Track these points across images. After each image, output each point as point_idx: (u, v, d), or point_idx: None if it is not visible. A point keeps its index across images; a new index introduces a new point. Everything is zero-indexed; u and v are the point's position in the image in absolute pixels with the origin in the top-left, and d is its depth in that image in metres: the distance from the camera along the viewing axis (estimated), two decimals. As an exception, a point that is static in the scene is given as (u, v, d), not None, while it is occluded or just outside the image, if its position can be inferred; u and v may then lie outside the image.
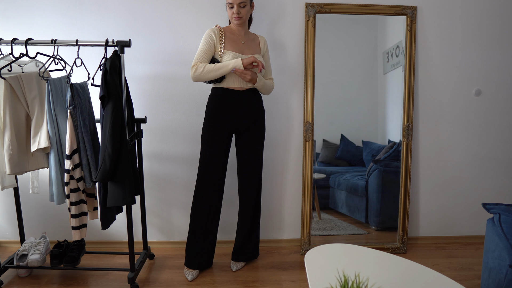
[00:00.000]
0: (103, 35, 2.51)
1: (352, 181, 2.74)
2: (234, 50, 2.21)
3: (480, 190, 2.83)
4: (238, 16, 2.17)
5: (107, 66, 1.99)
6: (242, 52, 2.23)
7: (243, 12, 2.18)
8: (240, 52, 2.22)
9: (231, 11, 2.19)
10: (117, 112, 2.00)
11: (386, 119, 2.70)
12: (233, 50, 2.21)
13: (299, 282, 2.33)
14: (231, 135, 2.32)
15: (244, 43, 2.26)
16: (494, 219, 1.79)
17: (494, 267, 1.70)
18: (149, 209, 2.72)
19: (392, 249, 2.72)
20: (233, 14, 2.18)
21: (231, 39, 2.24)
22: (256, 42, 2.33)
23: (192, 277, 2.35)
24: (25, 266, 2.28)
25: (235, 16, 2.18)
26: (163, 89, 2.60)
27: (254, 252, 2.53)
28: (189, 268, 2.38)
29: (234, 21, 2.20)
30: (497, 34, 2.66)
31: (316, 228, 2.73)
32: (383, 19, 2.62)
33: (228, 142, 2.30)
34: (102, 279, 2.36)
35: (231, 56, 2.18)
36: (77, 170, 2.08)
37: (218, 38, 2.20)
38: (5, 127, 2.04)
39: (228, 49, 2.20)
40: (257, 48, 2.31)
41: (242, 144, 2.35)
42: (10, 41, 2.04)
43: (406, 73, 2.62)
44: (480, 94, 2.72)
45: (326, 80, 2.62)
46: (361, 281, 1.25)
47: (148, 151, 2.66)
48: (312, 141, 2.63)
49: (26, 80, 2.08)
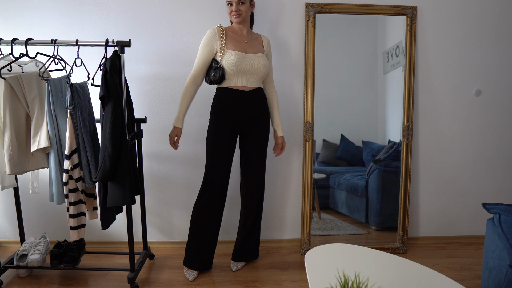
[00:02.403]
0: (103, 35, 2.51)
1: (352, 181, 2.74)
2: (236, 49, 2.19)
3: (480, 190, 2.83)
4: (238, 13, 2.16)
5: (107, 66, 1.99)
6: (245, 51, 2.21)
7: (243, 9, 2.17)
8: (243, 51, 2.20)
9: (230, 9, 2.17)
10: (117, 112, 2.00)
11: (386, 119, 2.70)
12: (235, 49, 2.19)
13: (299, 282, 2.33)
14: (236, 135, 2.31)
15: (247, 42, 2.24)
16: (494, 219, 1.79)
17: (494, 267, 1.70)
18: (149, 209, 2.72)
19: (392, 249, 2.72)
20: (232, 12, 2.17)
21: (234, 38, 2.22)
22: (260, 41, 2.32)
23: (193, 277, 2.34)
24: (25, 266, 2.28)
25: (234, 14, 2.16)
26: (163, 89, 2.60)
27: (254, 252, 2.53)
28: (189, 268, 2.38)
29: (234, 18, 2.19)
30: (497, 34, 2.66)
31: (316, 228, 2.73)
32: (383, 19, 2.62)
33: (233, 142, 2.29)
34: (102, 279, 2.36)
35: (234, 55, 2.15)
36: (76, 170, 2.08)
37: (219, 37, 2.18)
38: (5, 127, 2.04)
39: (230, 48, 2.18)
40: (261, 47, 2.30)
41: (246, 146, 2.34)
42: (10, 41, 2.04)
43: (406, 73, 2.62)
44: (480, 94, 2.72)
45: (326, 80, 2.62)
46: (361, 281, 1.25)
47: (148, 151, 2.66)
48: (312, 141, 2.63)
49: (26, 80, 2.08)
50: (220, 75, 2.16)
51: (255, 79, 2.23)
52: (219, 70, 2.16)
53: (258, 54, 2.23)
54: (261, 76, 2.25)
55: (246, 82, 2.21)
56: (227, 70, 2.16)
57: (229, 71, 2.17)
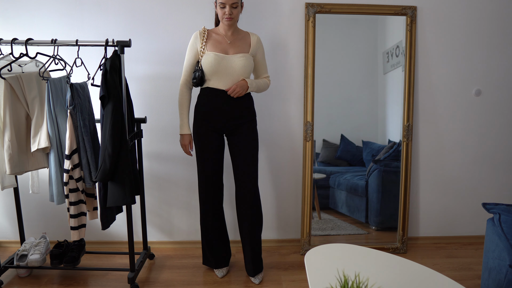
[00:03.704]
0: (103, 35, 2.51)
1: (352, 181, 2.74)
2: (216, 50, 2.18)
3: (480, 190, 2.83)
4: (230, 16, 2.14)
5: (107, 66, 1.99)
6: (226, 52, 2.19)
7: (235, 13, 2.15)
8: (224, 52, 2.19)
9: (222, 11, 2.14)
10: (117, 112, 2.00)
11: (386, 119, 2.70)
12: (215, 50, 2.17)
13: (299, 282, 2.33)
14: (222, 136, 2.29)
15: (230, 42, 2.22)
16: (494, 219, 1.79)
17: (494, 267, 1.70)
18: (149, 209, 2.72)
19: (392, 249, 2.72)
20: (224, 15, 2.13)
21: (215, 39, 2.21)
22: (247, 41, 2.27)
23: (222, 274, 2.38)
24: (25, 266, 2.28)
25: (227, 17, 2.14)
26: (163, 89, 2.60)
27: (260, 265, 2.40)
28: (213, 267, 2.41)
29: (225, 21, 2.16)
30: (497, 34, 2.66)
31: (316, 228, 2.73)
32: (383, 19, 2.62)
33: (220, 141, 2.27)
34: (102, 279, 2.36)
35: (211, 56, 2.14)
36: (76, 170, 2.08)
37: (200, 39, 2.19)
38: (5, 127, 2.04)
39: (210, 50, 2.18)
40: (246, 47, 2.25)
41: (234, 148, 2.29)
42: (10, 41, 2.04)
43: (406, 73, 2.62)
44: (480, 94, 2.72)
45: (326, 80, 2.62)
46: (361, 281, 1.25)
47: (148, 151, 2.66)
48: (312, 141, 2.63)
49: (26, 80, 2.08)
50: (199, 77, 2.17)
51: (234, 79, 2.19)
52: (198, 72, 2.18)
53: (239, 55, 2.20)
54: (239, 76, 2.20)
55: (226, 83, 2.19)
56: (205, 71, 2.17)
57: (207, 72, 2.17)
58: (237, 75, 2.20)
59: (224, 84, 2.19)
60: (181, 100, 2.27)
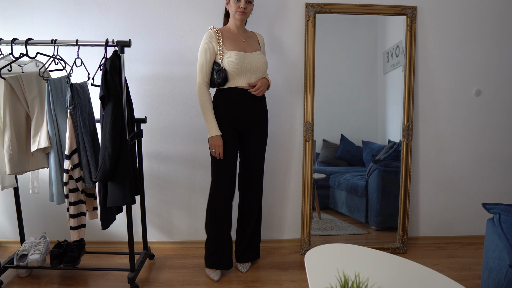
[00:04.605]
0: (103, 35, 2.51)
1: (352, 181, 2.74)
2: (235, 49, 2.18)
3: (480, 190, 2.83)
4: (244, 11, 2.14)
5: (107, 66, 1.99)
6: (245, 50, 2.20)
7: (249, 8, 2.17)
8: (243, 50, 2.20)
9: (236, 5, 2.14)
10: (117, 112, 2.00)
11: (386, 119, 2.70)
12: (235, 49, 2.17)
13: (299, 282, 2.33)
14: (238, 134, 2.29)
15: (245, 41, 2.24)
16: (494, 219, 1.79)
17: (494, 267, 1.70)
18: (149, 209, 2.72)
19: (392, 249, 2.72)
20: (238, 8, 2.13)
21: (231, 38, 2.21)
22: (255, 39, 2.32)
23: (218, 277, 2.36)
24: (25, 266, 2.28)
25: (241, 11, 2.14)
26: (163, 89, 2.60)
27: (257, 251, 2.52)
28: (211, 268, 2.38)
29: (238, 15, 2.16)
30: (497, 34, 2.66)
31: (316, 228, 2.73)
32: (383, 19, 2.62)
33: (236, 141, 2.27)
34: (102, 279, 2.36)
35: (234, 55, 2.14)
36: (76, 170, 2.08)
37: (216, 40, 2.17)
38: (5, 127, 2.04)
39: (229, 49, 2.17)
40: (257, 45, 2.30)
41: (246, 146, 2.33)
42: (10, 41, 2.04)
43: (406, 73, 2.62)
44: (480, 94, 2.72)
45: (326, 80, 2.62)
46: (361, 281, 1.25)
47: (148, 151, 2.66)
48: (312, 141, 2.63)
49: (26, 80, 2.08)
50: (223, 77, 2.15)
51: (257, 76, 2.23)
52: (222, 72, 2.14)
53: (256, 52, 2.23)
54: (262, 73, 2.25)
55: (249, 81, 2.20)
56: (229, 71, 2.15)
57: (232, 72, 2.15)
58: (260, 73, 2.23)
59: (244, 84, 2.19)
60: (204, 102, 2.18)
